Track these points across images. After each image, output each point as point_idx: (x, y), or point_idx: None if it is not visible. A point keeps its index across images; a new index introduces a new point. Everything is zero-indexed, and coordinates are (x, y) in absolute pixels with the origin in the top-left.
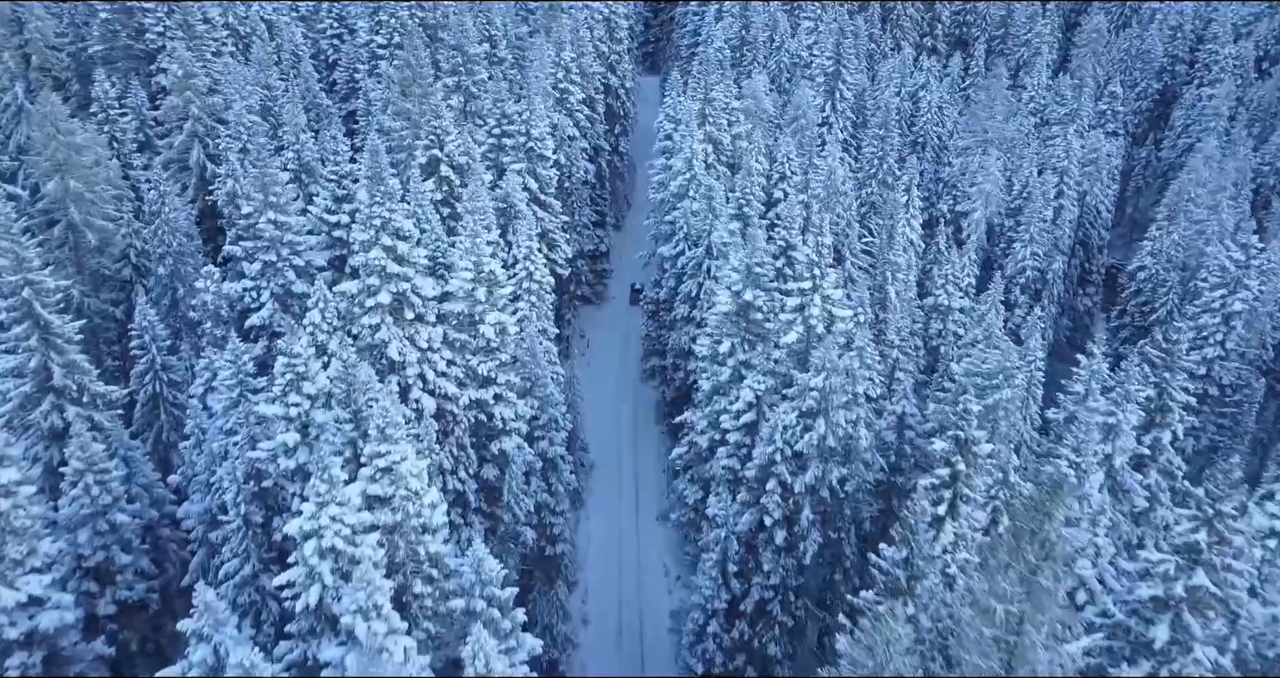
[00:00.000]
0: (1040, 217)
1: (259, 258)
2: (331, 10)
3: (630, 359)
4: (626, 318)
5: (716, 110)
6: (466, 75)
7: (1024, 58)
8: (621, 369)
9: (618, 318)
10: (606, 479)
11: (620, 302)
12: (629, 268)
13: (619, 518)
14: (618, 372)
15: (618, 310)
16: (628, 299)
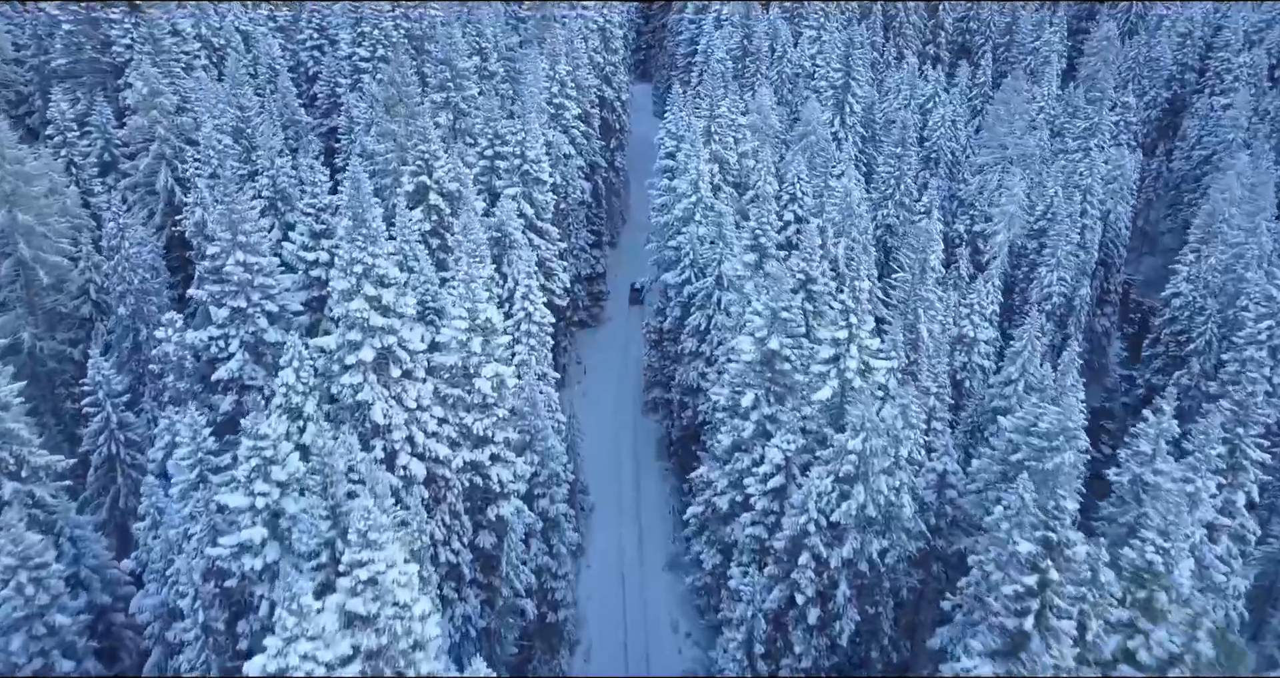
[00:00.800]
0: (1067, 239)
1: (227, 303)
2: (311, 20)
3: (629, 385)
4: (624, 339)
5: (723, 127)
6: (455, 91)
7: (1031, 66)
8: (620, 396)
9: (615, 339)
10: (607, 522)
11: (618, 323)
12: (624, 287)
13: (622, 566)
14: (616, 399)
15: (615, 332)
16: (625, 320)
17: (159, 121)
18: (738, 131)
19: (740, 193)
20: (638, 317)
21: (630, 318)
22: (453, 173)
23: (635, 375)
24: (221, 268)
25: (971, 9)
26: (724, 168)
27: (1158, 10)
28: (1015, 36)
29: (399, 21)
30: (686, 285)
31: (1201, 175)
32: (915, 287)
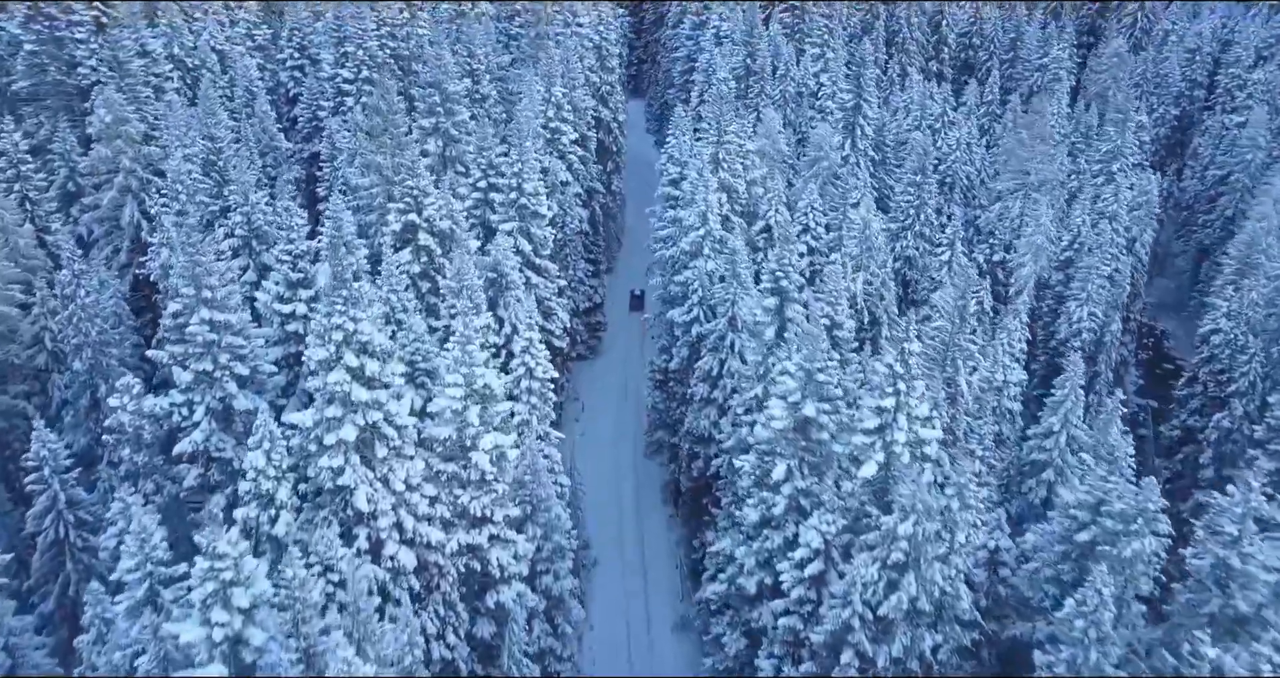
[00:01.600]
0: (1098, 272)
1: (191, 367)
2: (292, 39)
3: (630, 421)
4: (623, 370)
5: (730, 154)
6: (446, 116)
7: (1039, 84)
8: (620, 434)
9: (614, 370)
10: (610, 577)
11: (617, 354)
12: (623, 317)
13: (628, 626)
14: (616, 438)
15: (613, 362)
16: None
17: (124, 151)
18: (745, 158)
19: (749, 222)
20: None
21: (629, 368)
22: (444, 210)
23: (636, 409)
24: (185, 327)
25: (974, 25)
26: (732, 196)
27: (1163, 25)
28: (1020, 52)
29: (385, 41)
30: (695, 324)
31: (1217, 196)
32: (954, 335)
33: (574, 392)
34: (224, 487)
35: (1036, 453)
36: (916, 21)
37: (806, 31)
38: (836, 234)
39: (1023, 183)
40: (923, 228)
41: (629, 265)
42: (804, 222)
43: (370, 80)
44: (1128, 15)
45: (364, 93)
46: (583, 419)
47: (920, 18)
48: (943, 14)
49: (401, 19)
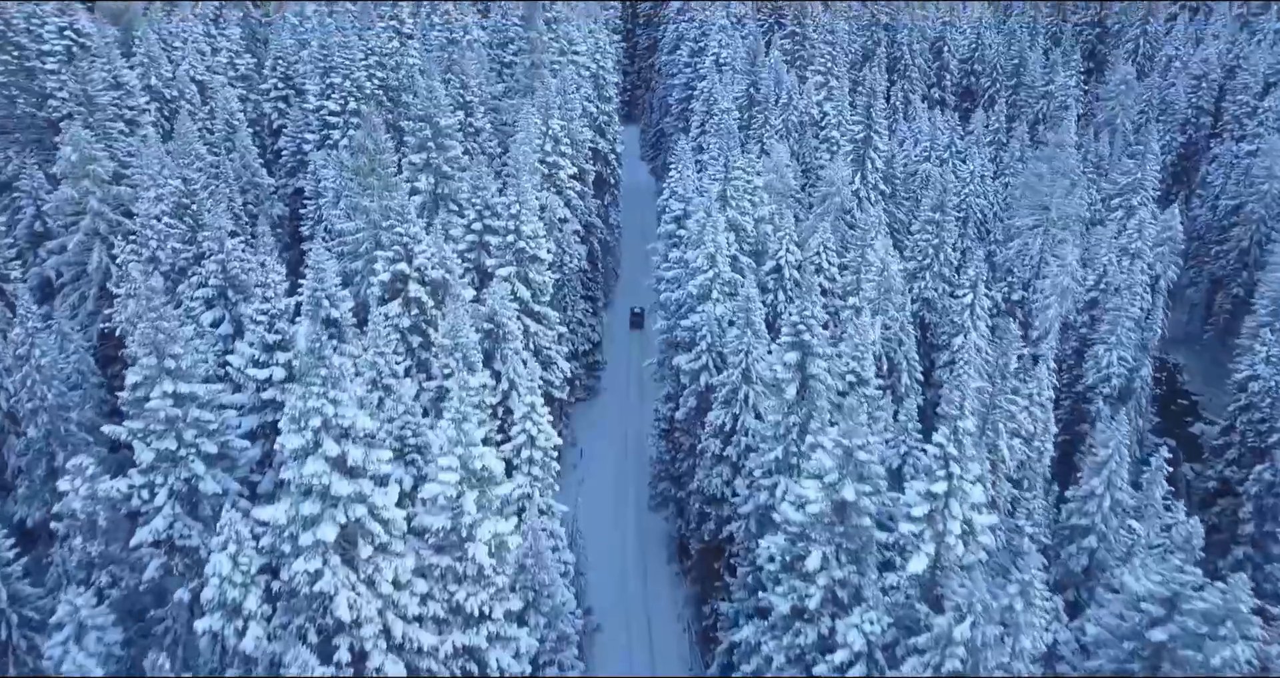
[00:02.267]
0: (1127, 314)
1: (153, 445)
2: (276, 68)
3: (631, 468)
4: (623, 411)
5: (738, 191)
6: (438, 152)
7: (1045, 111)
8: (621, 483)
9: (613, 412)
10: (614, 644)
11: (616, 394)
12: (620, 351)
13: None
14: (617, 487)
15: (612, 403)
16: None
17: (91, 192)
18: (754, 193)
19: (758, 262)
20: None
21: (628, 406)
22: (436, 258)
23: (637, 453)
24: (145, 400)
25: (975, 51)
26: (740, 235)
27: (1166, 51)
28: (1023, 78)
29: (373, 71)
30: (704, 373)
31: (1230, 227)
32: (996, 396)
33: (572, 437)
34: (189, 578)
35: (1077, 517)
36: (918, 48)
37: (808, 58)
38: (854, 277)
39: (1042, 219)
40: (942, 268)
41: (626, 295)
42: (817, 262)
43: (358, 112)
44: (1129, 41)
45: (351, 125)
46: (581, 466)
47: (922, 44)
48: (944, 40)
49: (391, 48)
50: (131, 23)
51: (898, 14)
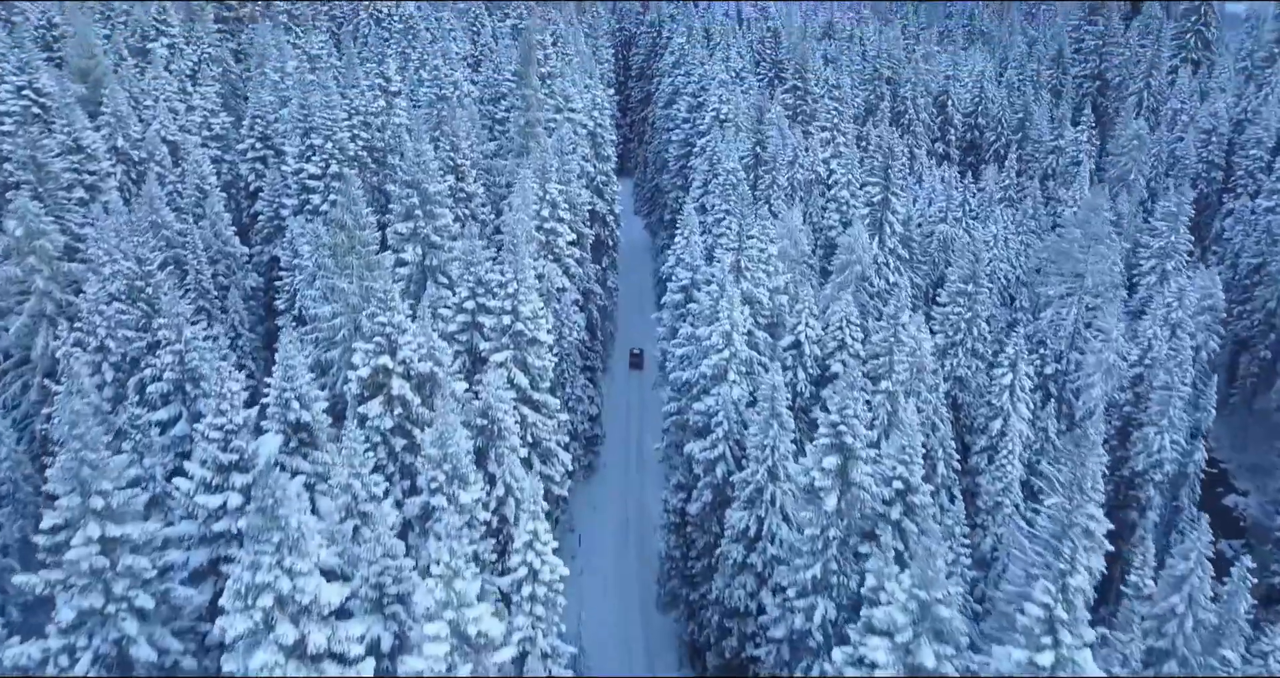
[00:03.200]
0: (1178, 393)
1: (75, 602)
2: (254, 127)
3: (634, 559)
4: (623, 484)
5: (753, 261)
6: (426, 220)
7: (1054, 167)
8: (623, 572)
9: (614, 491)
10: None
11: (616, 470)
12: (619, 421)
13: None
14: (619, 576)
15: (613, 480)
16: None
17: (38, 270)
18: (768, 262)
19: (774, 336)
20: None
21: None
22: (423, 348)
23: (640, 541)
24: (66, 546)
25: (979, 104)
26: (754, 307)
27: (1172, 104)
28: (1029, 132)
29: (357, 132)
30: (720, 463)
31: (1252, 286)
32: (1073, 515)
33: (569, 521)
34: None
35: (1154, 639)
36: (923, 102)
37: (810, 114)
38: (886, 359)
39: (1075, 287)
40: (975, 343)
41: (624, 341)
42: (839, 337)
43: (339, 176)
44: (1132, 95)
45: (332, 189)
46: (580, 555)
47: (925, 98)
48: (947, 94)
49: (377, 107)
50: (100, 80)
51: (899, 68)
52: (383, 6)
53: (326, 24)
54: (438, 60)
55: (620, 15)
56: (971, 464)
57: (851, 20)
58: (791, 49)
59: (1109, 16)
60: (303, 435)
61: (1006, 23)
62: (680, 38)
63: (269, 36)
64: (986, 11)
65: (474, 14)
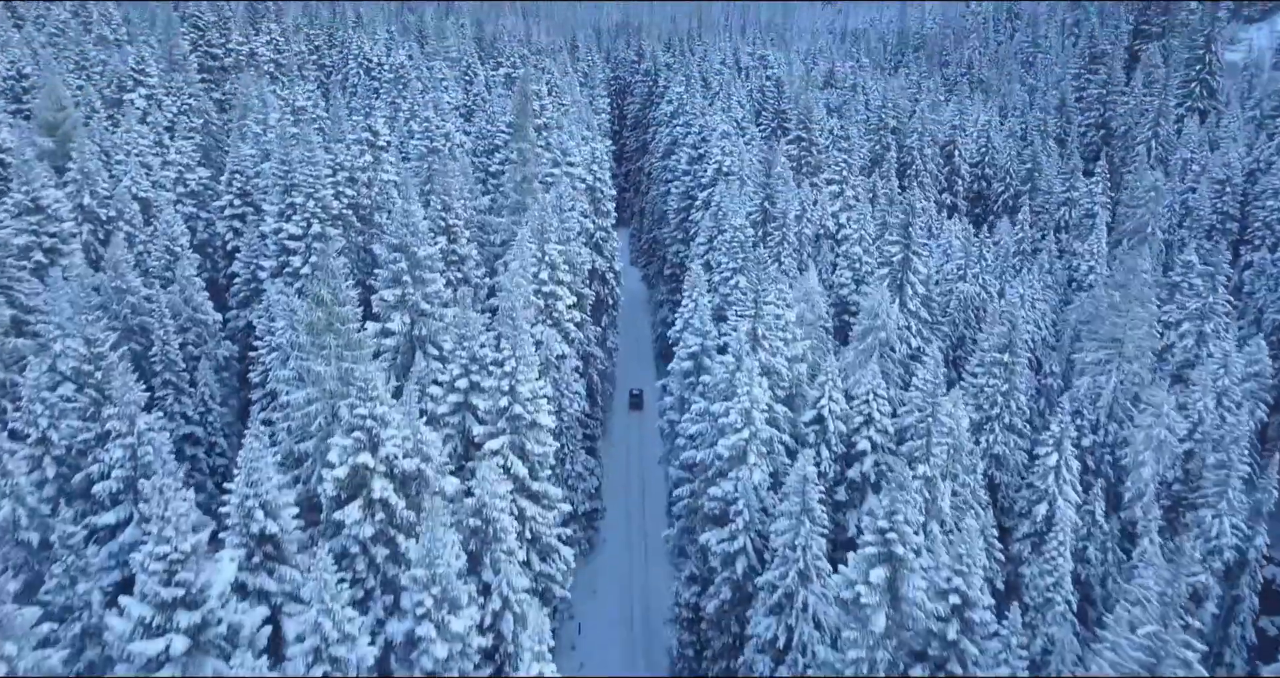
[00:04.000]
0: (1237, 473)
1: None
2: (233, 183)
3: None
4: (626, 564)
5: (771, 329)
6: (415, 286)
7: (1066, 219)
8: (628, 667)
9: (614, 565)
10: None
11: (617, 546)
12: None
13: None
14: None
15: (615, 559)
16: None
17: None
18: (785, 329)
19: (793, 409)
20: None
21: (633, 563)
22: (411, 443)
23: (645, 630)
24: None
25: (985, 154)
26: (772, 378)
27: (1182, 154)
28: (1037, 183)
29: (342, 189)
30: (741, 557)
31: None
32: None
33: (568, 609)
34: None
35: None
36: (930, 152)
37: (815, 165)
38: (923, 441)
39: (1114, 353)
40: (1013, 418)
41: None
42: (865, 411)
43: (321, 236)
44: (1140, 144)
45: (313, 251)
46: (580, 647)
47: (933, 148)
48: (954, 143)
49: (364, 162)
50: (70, 134)
51: (904, 117)
52: (373, 55)
53: (315, 73)
54: (429, 111)
55: (614, 64)
56: (1014, 552)
57: (852, 69)
58: (794, 99)
59: (1111, 65)
60: (268, 548)
61: (1005, 72)
62: (679, 87)
63: (252, 87)
64: (983, 60)
65: (466, 63)
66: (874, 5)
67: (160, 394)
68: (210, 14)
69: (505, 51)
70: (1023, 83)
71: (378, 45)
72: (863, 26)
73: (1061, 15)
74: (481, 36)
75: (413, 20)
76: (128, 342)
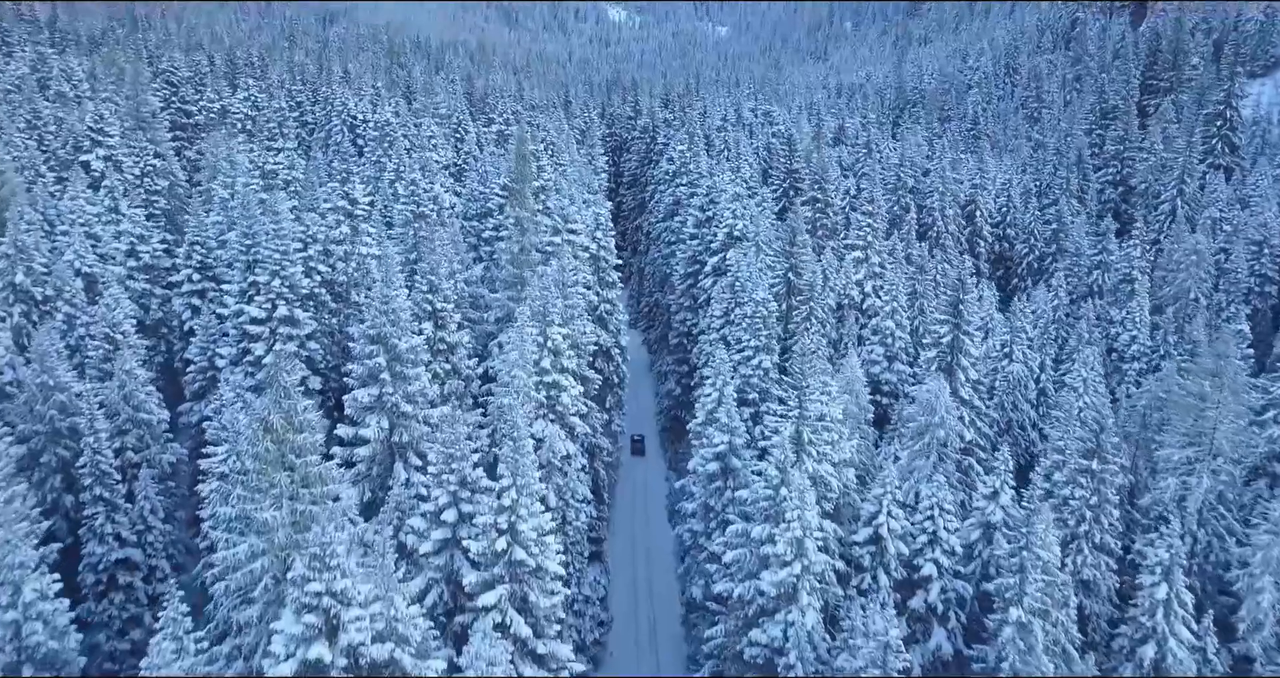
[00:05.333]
0: None
1: None
2: (192, 257)
3: None
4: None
5: (817, 431)
6: (394, 384)
7: (1101, 284)
8: None
9: None
10: None
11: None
12: (625, 607)
13: None
14: None
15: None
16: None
17: None
18: (831, 427)
19: (842, 524)
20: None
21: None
22: (381, 623)
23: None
24: None
25: (1006, 213)
26: (819, 487)
27: (1210, 212)
28: (1063, 244)
29: (314, 265)
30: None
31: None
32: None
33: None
34: None
35: None
36: (951, 213)
37: (831, 228)
38: (1015, 579)
39: (1204, 450)
40: (1104, 537)
41: (625, 506)
42: (929, 528)
43: (290, 320)
44: (1164, 202)
45: (279, 337)
46: None
47: (954, 208)
48: (975, 203)
49: (339, 234)
50: (7, 201)
51: (924, 175)
52: (358, 112)
53: (295, 130)
54: (415, 173)
55: (609, 120)
56: None
57: (863, 125)
58: (806, 157)
59: (1128, 121)
60: None
61: (1011, 127)
62: (680, 145)
63: (220, 147)
64: (986, 115)
65: (457, 120)
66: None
67: (90, 512)
68: (186, 69)
69: (497, 107)
70: (1028, 138)
71: (363, 101)
72: (858, 81)
73: (1062, 70)
74: (472, 92)
75: (401, 75)
76: (53, 448)
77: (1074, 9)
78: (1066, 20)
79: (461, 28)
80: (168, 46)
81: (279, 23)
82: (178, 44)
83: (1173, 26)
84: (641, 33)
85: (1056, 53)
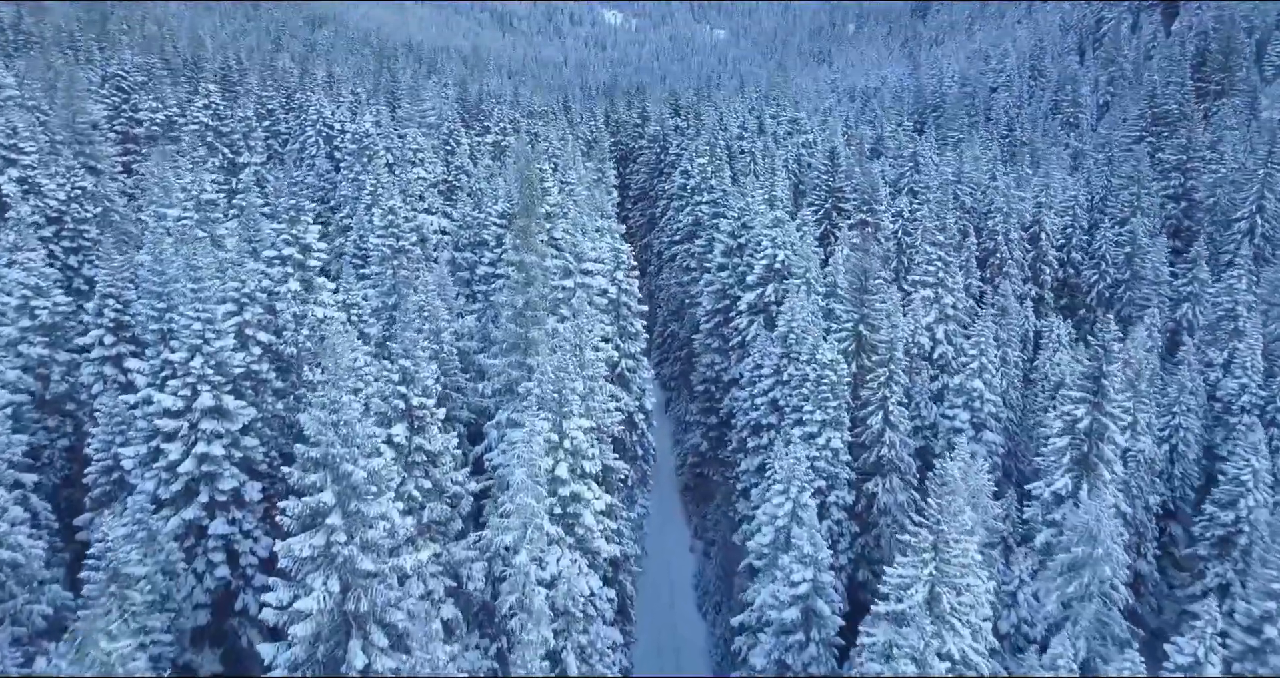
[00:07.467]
0: None
1: None
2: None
3: None
4: None
5: (960, 593)
6: (348, 526)
7: (1190, 320)
8: None
9: None
10: None
11: None
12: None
13: None
14: None
15: None
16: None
17: None
18: (972, 586)
19: None
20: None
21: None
22: None
23: None
24: None
25: (1070, 235)
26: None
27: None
28: (1135, 268)
29: (252, 335)
30: None
31: None
32: None
33: None
34: None
35: None
36: (1016, 237)
37: (884, 257)
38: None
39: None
40: None
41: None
42: None
43: (216, 411)
44: (1241, 220)
45: (200, 434)
46: None
47: (1018, 231)
48: (1040, 224)
49: (285, 291)
50: None
51: (984, 194)
52: (335, 122)
53: (265, 140)
54: (395, 198)
55: (614, 127)
56: None
57: (905, 134)
58: (849, 173)
59: (1192, 129)
60: None
61: (1049, 136)
62: (701, 158)
63: (159, 165)
64: (1019, 121)
65: (448, 130)
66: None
67: None
68: (138, 74)
69: (493, 115)
70: (1066, 145)
71: (341, 108)
72: (871, 85)
73: (1094, 73)
74: (465, 98)
75: (386, 80)
76: None
77: (1099, 8)
78: (1091, 19)
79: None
80: (116, 48)
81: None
82: (136, 45)
83: (1225, 24)
84: (638, 36)
85: (1085, 54)
